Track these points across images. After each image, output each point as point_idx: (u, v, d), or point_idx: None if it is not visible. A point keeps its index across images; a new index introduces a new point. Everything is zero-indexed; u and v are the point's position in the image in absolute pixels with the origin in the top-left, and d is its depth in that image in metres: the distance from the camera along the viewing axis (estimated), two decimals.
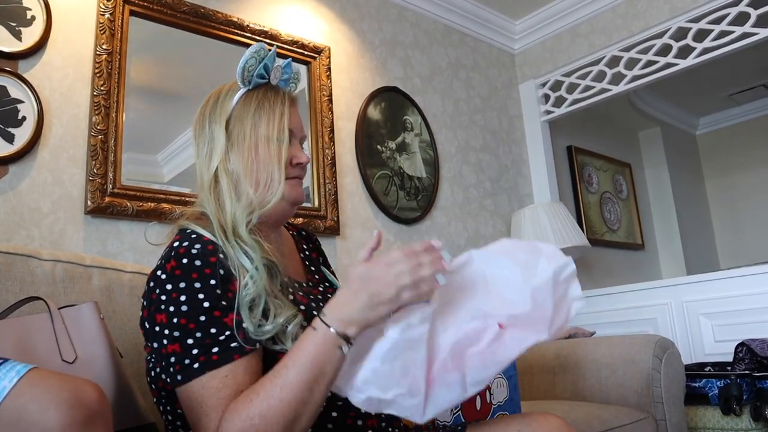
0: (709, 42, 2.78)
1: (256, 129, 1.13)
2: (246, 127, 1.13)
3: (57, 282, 1.39)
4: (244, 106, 1.15)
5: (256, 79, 1.16)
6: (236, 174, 1.12)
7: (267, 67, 1.17)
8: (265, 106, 1.15)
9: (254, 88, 1.17)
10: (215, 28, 2.18)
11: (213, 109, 1.17)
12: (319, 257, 1.35)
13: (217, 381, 0.92)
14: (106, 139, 1.85)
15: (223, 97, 1.17)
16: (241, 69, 1.14)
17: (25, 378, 0.75)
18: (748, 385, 1.98)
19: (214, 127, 1.15)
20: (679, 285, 2.73)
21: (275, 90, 1.18)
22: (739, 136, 4.90)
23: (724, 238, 4.87)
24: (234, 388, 0.92)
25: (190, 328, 0.95)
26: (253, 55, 1.14)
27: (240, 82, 1.16)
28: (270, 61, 1.17)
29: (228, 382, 0.92)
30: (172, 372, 0.95)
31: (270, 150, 1.12)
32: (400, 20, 2.92)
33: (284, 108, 1.16)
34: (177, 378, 0.94)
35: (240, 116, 1.14)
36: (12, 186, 1.70)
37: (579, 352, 2.03)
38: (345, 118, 2.56)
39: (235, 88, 1.18)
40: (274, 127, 1.13)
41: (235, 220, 1.07)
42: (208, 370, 0.93)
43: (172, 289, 0.98)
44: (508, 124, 3.35)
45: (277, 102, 1.16)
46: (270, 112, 1.14)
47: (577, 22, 3.24)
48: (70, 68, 1.85)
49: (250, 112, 1.14)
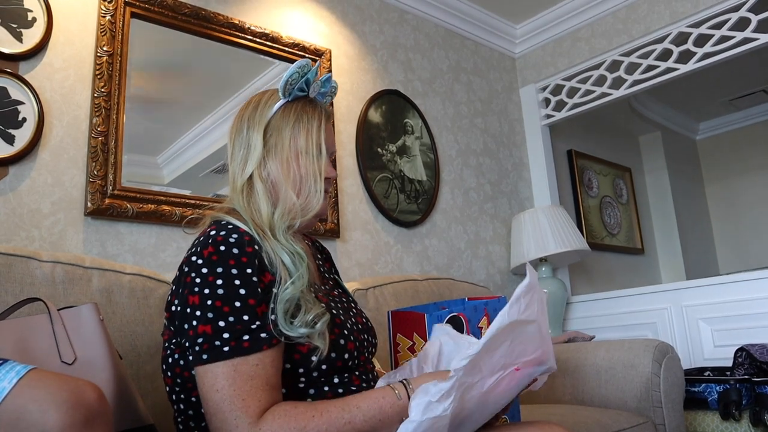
0: (710, 47, 2.78)
1: (295, 141, 1.17)
2: (285, 138, 1.17)
3: (57, 283, 1.39)
4: (283, 117, 1.19)
5: (296, 92, 1.20)
6: (273, 181, 1.17)
7: (308, 81, 1.21)
8: (303, 119, 1.19)
9: (293, 100, 1.21)
10: (216, 30, 2.18)
11: (252, 115, 1.20)
12: (331, 267, 1.40)
13: (248, 367, 0.95)
14: (106, 140, 1.85)
15: (263, 105, 1.21)
16: (285, 82, 1.18)
17: (24, 379, 0.75)
18: (748, 390, 1.98)
19: (251, 134, 1.19)
20: (679, 290, 2.73)
21: (313, 104, 1.23)
22: (739, 141, 4.90)
23: (723, 243, 4.87)
24: (265, 379, 0.96)
25: (224, 311, 0.98)
26: (297, 71, 1.18)
27: (281, 94, 1.20)
28: (312, 75, 1.21)
29: (259, 371, 0.96)
30: (197, 350, 0.97)
31: (309, 162, 1.17)
32: (401, 23, 2.92)
33: (321, 123, 1.20)
34: (203, 357, 0.96)
35: (279, 126, 1.18)
36: (12, 187, 1.70)
37: (578, 356, 2.03)
38: (346, 121, 2.56)
39: (275, 97, 1.21)
40: (312, 142, 1.18)
41: (272, 223, 1.12)
42: (237, 355, 0.96)
43: (208, 273, 1.00)
44: (508, 127, 3.35)
45: (314, 117, 1.20)
46: (309, 126, 1.19)
47: (578, 26, 3.24)
48: (70, 69, 1.86)
49: (289, 123, 1.18)
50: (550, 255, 2.90)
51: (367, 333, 1.22)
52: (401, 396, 0.99)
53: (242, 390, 0.94)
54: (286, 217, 1.13)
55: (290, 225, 1.14)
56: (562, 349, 2.11)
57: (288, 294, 1.04)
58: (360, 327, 1.20)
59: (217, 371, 0.95)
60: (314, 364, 1.04)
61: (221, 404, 0.94)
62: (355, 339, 1.14)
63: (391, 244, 2.60)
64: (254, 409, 0.93)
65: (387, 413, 0.97)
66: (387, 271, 2.54)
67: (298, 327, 1.02)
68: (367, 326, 1.24)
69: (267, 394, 0.96)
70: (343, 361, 1.09)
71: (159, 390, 1.41)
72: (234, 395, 0.93)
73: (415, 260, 2.67)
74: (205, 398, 0.96)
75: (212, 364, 0.95)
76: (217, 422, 0.94)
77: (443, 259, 2.79)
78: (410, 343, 1.64)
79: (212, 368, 0.95)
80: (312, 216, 1.18)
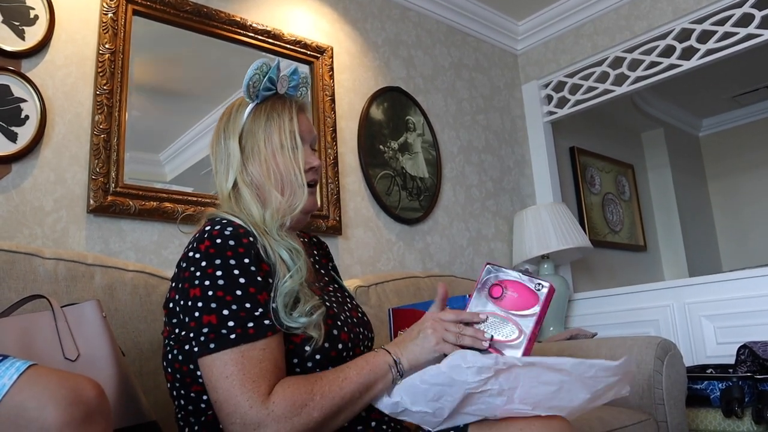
0: (713, 43, 2.77)
1: (270, 139, 1.20)
2: (259, 140, 1.20)
3: (59, 280, 1.39)
4: (255, 120, 1.21)
5: (262, 92, 1.22)
6: (257, 184, 1.19)
7: (272, 79, 1.22)
8: (273, 116, 1.21)
9: (263, 101, 1.23)
10: (218, 27, 2.18)
11: (227, 125, 1.23)
12: (328, 263, 1.41)
13: (256, 352, 0.98)
14: (108, 138, 1.85)
15: (234, 113, 1.24)
16: (246, 86, 1.20)
17: (24, 375, 0.75)
18: (750, 387, 1.98)
19: (228, 143, 1.21)
20: (682, 287, 2.72)
21: (282, 100, 1.24)
22: (742, 137, 4.89)
23: (726, 240, 4.87)
24: (273, 362, 0.99)
25: (226, 300, 1.00)
26: (256, 72, 1.20)
27: (247, 98, 1.22)
28: (273, 73, 1.22)
29: (267, 355, 0.99)
30: (203, 341, 0.98)
31: (286, 157, 1.19)
32: (403, 20, 2.92)
33: (293, 115, 1.22)
34: (209, 346, 0.97)
35: (252, 130, 1.21)
36: (15, 184, 1.70)
37: (580, 353, 2.03)
38: (348, 118, 2.56)
39: (245, 103, 1.24)
40: (286, 135, 1.20)
41: (265, 224, 1.15)
42: (243, 342, 0.98)
43: (207, 265, 1.02)
44: (510, 124, 3.35)
45: (285, 111, 1.22)
46: (280, 122, 1.21)
47: (581, 22, 3.23)
48: (73, 67, 1.86)
49: (261, 125, 1.20)
50: (552, 252, 2.90)
51: (362, 327, 1.23)
52: (381, 351, 1.09)
53: (252, 373, 0.96)
54: (277, 216, 1.16)
55: (282, 224, 1.16)
56: (564, 347, 2.11)
57: (287, 287, 1.06)
58: (355, 320, 1.21)
59: (226, 358, 0.96)
60: (308, 353, 1.06)
61: (232, 389, 0.95)
62: (349, 330, 1.15)
63: (393, 241, 2.60)
64: (265, 388, 0.96)
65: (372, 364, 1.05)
66: (389, 269, 2.54)
67: (298, 317, 1.05)
68: (363, 320, 1.25)
69: (276, 375, 0.99)
70: (337, 351, 1.11)
71: (161, 387, 1.41)
72: (245, 379, 0.95)
73: (417, 257, 2.67)
74: (214, 387, 0.97)
75: (220, 353, 0.97)
76: (229, 408, 0.95)
77: (445, 256, 2.79)
78: None
79: (220, 356, 0.97)
80: (299, 211, 1.19)
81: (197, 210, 1.96)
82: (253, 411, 0.93)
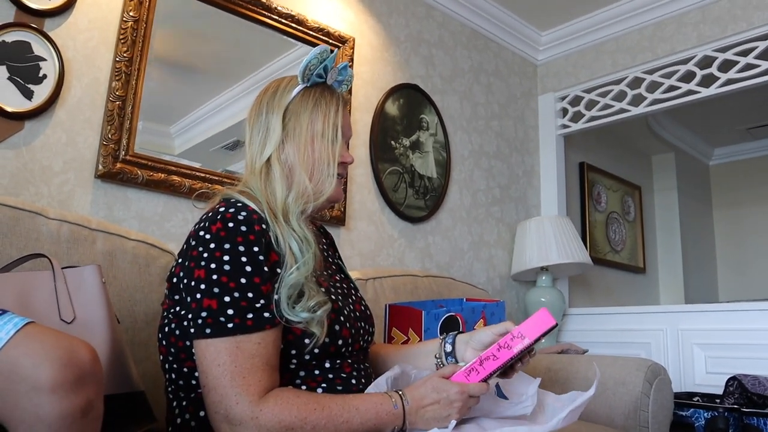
0: (734, 73, 2.76)
1: (313, 125, 1.19)
2: (303, 122, 1.19)
3: (61, 242, 1.40)
4: (302, 102, 1.21)
5: (314, 78, 1.22)
6: (290, 164, 1.19)
7: (326, 67, 1.23)
8: (321, 104, 1.21)
9: (312, 86, 1.23)
10: (242, 6, 2.17)
11: (271, 100, 1.22)
12: (335, 252, 1.41)
13: (250, 345, 0.97)
14: (123, 105, 1.85)
15: (282, 90, 1.23)
16: (304, 67, 1.20)
17: (21, 331, 0.76)
18: (736, 419, 1.98)
19: (270, 117, 1.20)
20: (677, 312, 2.73)
21: (331, 90, 1.25)
22: (752, 170, 4.87)
23: (726, 271, 4.86)
24: (266, 359, 0.98)
25: (230, 287, 0.99)
26: (317, 56, 1.20)
27: (300, 79, 1.21)
28: (330, 62, 1.23)
29: (260, 350, 0.98)
30: (200, 324, 0.98)
31: (324, 146, 1.19)
32: (427, 18, 2.91)
33: (339, 108, 1.22)
34: (205, 331, 0.97)
35: (297, 111, 1.20)
36: (26, 142, 1.70)
37: (570, 368, 2.03)
38: (362, 110, 2.56)
39: (294, 82, 1.23)
40: (329, 126, 1.20)
41: (286, 207, 1.14)
42: (240, 332, 0.97)
43: (215, 248, 1.02)
44: (523, 133, 3.35)
45: (332, 102, 1.22)
46: (326, 111, 1.21)
47: (604, 39, 3.22)
48: (95, 31, 1.86)
49: (308, 108, 1.20)
50: (551, 265, 2.90)
51: (364, 321, 1.23)
52: (397, 406, 1.02)
53: (243, 367, 0.95)
54: (300, 201, 1.15)
55: (303, 210, 1.16)
56: (554, 360, 2.11)
57: (292, 279, 1.05)
58: (357, 314, 1.21)
59: (220, 346, 0.96)
60: (307, 347, 1.06)
61: (221, 379, 0.95)
62: (351, 326, 1.14)
63: (395, 237, 2.60)
64: (255, 388, 0.95)
65: (382, 419, 1.01)
66: (388, 264, 2.54)
67: (300, 312, 1.04)
68: (365, 314, 1.25)
69: (267, 375, 0.98)
70: (337, 347, 1.10)
71: (152, 358, 1.42)
72: (235, 372, 0.95)
73: (417, 256, 2.67)
74: (205, 372, 0.97)
75: (215, 339, 0.97)
76: (216, 396, 0.95)
77: (445, 257, 2.79)
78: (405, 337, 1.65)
79: (215, 343, 0.97)
80: (324, 200, 1.19)
81: (204, 186, 1.96)
82: (238, 408, 0.94)
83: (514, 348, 1.08)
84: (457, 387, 1.04)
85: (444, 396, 1.03)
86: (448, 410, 1.03)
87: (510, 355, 1.08)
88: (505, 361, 1.08)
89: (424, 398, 1.04)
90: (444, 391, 1.03)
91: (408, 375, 1.18)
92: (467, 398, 1.04)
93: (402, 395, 1.04)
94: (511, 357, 1.08)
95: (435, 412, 1.03)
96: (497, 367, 1.08)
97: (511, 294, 3.10)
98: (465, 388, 1.04)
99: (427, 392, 1.04)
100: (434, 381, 1.06)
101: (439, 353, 1.25)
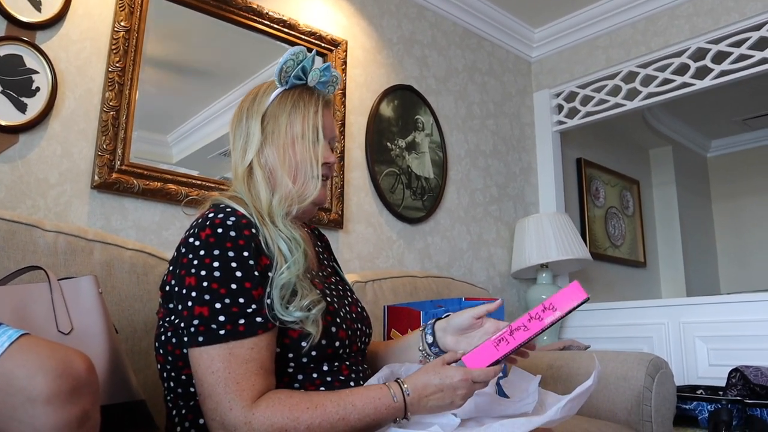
0: (728, 65, 2.77)
1: (291, 127, 1.19)
2: (281, 125, 1.19)
3: (58, 253, 1.40)
4: (280, 105, 1.20)
5: (293, 80, 1.21)
6: (271, 168, 1.18)
7: (305, 69, 1.21)
8: (300, 106, 1.20)
9: (291, 88, 1.22)
10: (234, 13, 2.18)
11: (251, 105, 1.22)
12: (330, 255, 1.40)
13: (243, 351, 0.97)
14: (117, 115, 1.85)
15: (261, 94, 1.22)
16: (279, 69, 1.19)
17: (16, 343, 0.75)
18: (739, 411, 1.98)
19: (250, 122, 1.20)
20: (678, 306, 2.72)
21: (310, 91, 1.23)
22: (750, 161, 4.88)
23: (726, 263, 4.86)
24: (259, 363, 0.98)
25: (220, 293, 0.99)
26: (292, 57, 1.19)
27: (277, 82, 1.21)
28: (308, 63, 1.21)
29: (254, 355, 0.97)
30: (193, 332, 0.98)
31: (304, 148, 1.18)
32: (419, 19, 2.91)
33: (318, 108, 1.21)
34: (198, 339, 0.97)
35: (275, 114, 1.19)
36: (21, 155, 1.71)
37: (572, 364, 2.03)
38: (357, 113, 2.56)
39: (273, 86, 1.23)
40: (309, 127, 1.19)
41: (271, 210, 1.13)
42: (233, 339, 0.97)
43: (205, 255, 1.01)
44: (519, 131, 3.35)
45: (311, 103, 1.21)
46: (305, 112, 1.20)
47: (597, 34, 3.23)
48: (87, 42, 1.86)
49: (285, 111, 1.19)
50: (551, 262, 2.90)
51: (360, 322, 1.22)
52: (397, 398, 1.00)
53: (237, 373, 0.95)
54: (284, 204, 1.15)
55: (288, 212, 1.15)
56: (556, 357, 2.11)
57: (284, 279, 1.05)
58: (354, 316, 1.20)
59: (213, 354, 0.96)
60: (304, 350, 1.05)
61: (216, 387, 0.95)
62: (347, 327, 1.14)
63: (393, 239, 2.60)
64: (248, 393, 0.95)
65: (382, 414, 0.99)
66: (387, 266, 2.54)
67: (293, 311, 1.03)
68: (362, 316, 1.25)
69: (261, 379, 0.97)
70: (334, 348, 1.10)
71: (152, 367, 1.41)
72: (229, 378, 0.95)
73: (417, 257, 2.67)
74: (200, 380, 0.97)
75: (208, 347, 0.97)
76: (212, 404, 0.95)
77: (444, 257, 2.79)
78: None
79: (208, 350, 0.97)
80: (309, 202, 1.19)
81: (201, 194, 1.96)
82: (232, 414, 0.93)
83: (545, 319, 1.06)
84: (461, 374, 1.01)
85: (447, 383, 1.01)
86: (452, 397, 1.01)
87: (541, 326, 1.05)
88: (535, 332, 1.05)
89: (426, 387, 1.01)
90: (447, 378, 1.01)
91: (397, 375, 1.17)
92: (471, 384, 1.02)
93: (401, 385, 1.02)
94: (542, 328, 1.06)
95: (439, 400, 1.01)
96: (528, 338, 1.05)
97: (512, 292, 3.10)
98: (469, 375, 1.02)
99: (429, 380, 1.02)
100: (437, 368, 1.04)
101: (422, 346, 1.23)
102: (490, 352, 1.06)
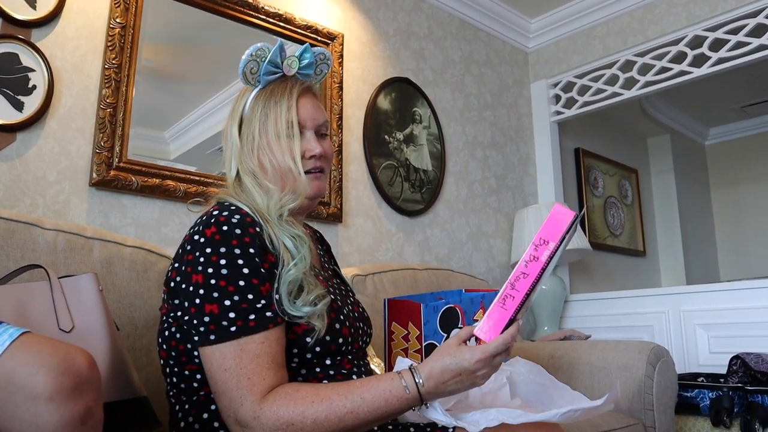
0: (725, 52, 2.76)
1: (265, 129, 1.14)
2: (254, 129, 1.15)
3: (58, 252, 1.40)
4: (253, 107, 1.16)
5: (265, 77, 1.16)
6: (255, 174, 1.15)
7: (274, 62, 1.16)
8: (270, 104, 1.15)
9: (266, 86, 1.17)
10: (230, 8, 2.17)
11: (232, 111, 1.19)
12: (331, 258, 1.40)
13: (254, 346, 0.97)
14: (114, 112, 1.85)
15: (239, 98, 1.19)
16: (242, 73, 1.15)
17: (17, 342, 0.76)
18: (740, 398, 1.99)
19: (232, 129, 1.18)
20: (678, 294, 2.73)
21: (284, 84, 1.17)
22: (748, 148, 4.87)
23: (726, 250, 4.86)
24: (270, 357, 0.97)
25: (229, 291, 0.99)
26: (252, 59, 1.14)
27: (246, 84, 1.17)
28: (275, 56, 1.16)
29: (264, 350, 0.97)
30: (203, 331, 0.98)
31: (282, 147, 1.13)
32: (415, 11, 2.90)
33: (291, 102, 1.15)
34: (209, 337, 0.97)
35: (249, 118, 1.16)
36: (19, 153, 1.70)
37: (573, 354, 2.03)
38: (354, 106, 2.56)
39: (250, 88, 1.19)
40: (282, 124, 1.13)
41: (269, 212, 1.11)
42: (244, 335, 0.97)
43: (211, 252, 1.01)
44: (517, 122, 3.34)
45: (283, 98, 1.15)
46: (276, 109, 1.14)
47: (594, 23, 3.22)
48: (83, 39, 1.85)
49: (257, 113, 1.15)
50: None
51: (362, 322, 1.23)
52: (409, 389, 0.96)
53: (248, 369, 0.95)
54: (278, 206, 1.12)
55: (280, 214, 1.12)
56: (557, 347, 2.11)
57: (291, 275, 1.04)
58: (356, 315, 1.21)
59: (225, 351, 0.96)
60: (309, 345, 1.05)
61: (229, 383, 0.95)
62: (350, 325, 1.14)
63: (392, 232, 2.60)
64: (259, 387, 0.95)
65: (394, 406, 0.96)
66: (387, 259, 2.54)
67: (301, 306, 1.03)
68: (363, 316, 1.25)
69: (272, 373, 0.97)
70: (337, 345, 1.10)
71: (154, 363, 1.42)
72: (241, 374, 0.95)
73: (416, 249, 2.67)
74: (214, 378, 0.98)
75: (220, 344, 0.97)
76: (226, 401, 0.96)
77: (444, 249, 2.79)
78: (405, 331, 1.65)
79: (220, 348, 0.97)
80: (303, 199, 1.15)
81: (199, 189, 1.96)
82: (243, 409, 0.94)
83: (541, 257, 0.98)
84: (478, 353, 0.96)
85: (465, 366, 0.96)
86: (472, 379, 0.97)
87: (540, 266, 0.98)
88: (537, 275, 0.98)
89: (444, 372, 0.96)
90: (465, 361, 0.96)
91: None
92: (492, 359, 0.96)
93: (414, 373, 0.97)
94: (542, 267, 0.98)
95: (458, 383, 0.97)
96: (531, 283, 0.98)
97: None
98: (486, 352, 0.96)
99: (446, 365, 0.96)
100: (452, 350, 0.98)
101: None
102: (500, 314, 0.98)
